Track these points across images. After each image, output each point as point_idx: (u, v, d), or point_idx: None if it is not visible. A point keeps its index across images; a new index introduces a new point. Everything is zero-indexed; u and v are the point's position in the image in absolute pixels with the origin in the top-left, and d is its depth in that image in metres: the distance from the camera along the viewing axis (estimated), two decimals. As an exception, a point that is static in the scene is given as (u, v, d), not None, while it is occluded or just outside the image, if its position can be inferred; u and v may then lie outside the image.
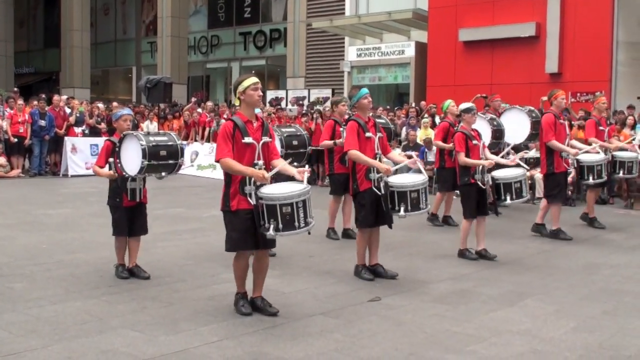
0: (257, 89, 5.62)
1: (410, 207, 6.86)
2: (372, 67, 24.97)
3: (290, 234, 5.53)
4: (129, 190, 6.80)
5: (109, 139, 7.09)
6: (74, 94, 29.86)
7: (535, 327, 5.55)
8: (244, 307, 5.76)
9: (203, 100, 25.52)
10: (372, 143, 6.88)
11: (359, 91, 7.05)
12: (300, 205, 5.45)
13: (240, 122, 5.58)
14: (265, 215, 5.43)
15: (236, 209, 5.53)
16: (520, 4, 19.80)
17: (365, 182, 6.83)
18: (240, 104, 5.68)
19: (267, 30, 32.44)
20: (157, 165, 6.58)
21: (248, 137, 5.53)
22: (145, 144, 6.41)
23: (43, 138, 17.75)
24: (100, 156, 7.02)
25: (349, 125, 6.92)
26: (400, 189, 6.90)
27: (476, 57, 20.57)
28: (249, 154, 5.56)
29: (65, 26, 35.56)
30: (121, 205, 6.85)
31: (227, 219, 5.65)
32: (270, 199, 5.41)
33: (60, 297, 6.24)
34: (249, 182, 5.48)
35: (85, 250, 8.43)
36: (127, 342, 5.02)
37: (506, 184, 8.23)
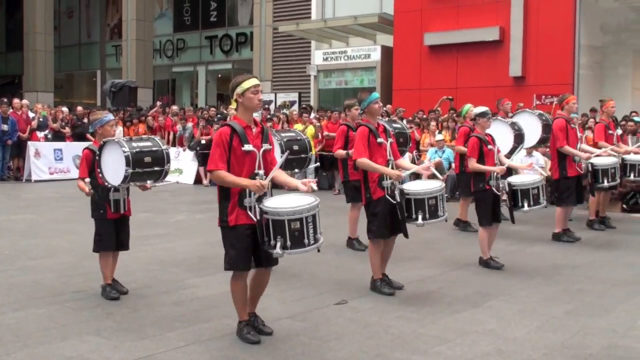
0: (258, 92, 5.14)
1: (428, 215, 6.63)
2: (339, 71, 25.01)
3: (299, 252, 5.01)
4: (112, 201, 6.32)
5: (87, 147, 6.45)
6: (37, 98, 29.51)
7: (500, 327, 5.62)
8: (250, 335, 5.19)
9: (168, 105, 25.34)
10: (384, 149, 6.54)
11: (370, 95, 6.65)
12: (310, 220, 4.97)
13: (239, 127, 5.06)
14: (271, 232, 4.92)
15: (234, 224, 5.02)
16: (484, 9, 20.00)
17: (378, 190, 6.48)
18: (238, 107, 5.19)
19: (233, 34, 32.35)
20: (142, 173, 6.07)
21: (248, 144, 5.03)
22: (128, 151, 5.93)
23: (5, 143, 17.48)
24: (81, 167, 6.46)
25: (358, 131, 6.56)
26: (417, 196, 6.66)
27: (441, 61, 20.72)
28: (249, 162, 5.06)
29: (28, 29, 35.06)
30: (106, 217, 6.34)
31: (225, 236, 5.11)
32: (277, 213, 4.90)
33: (23, 303, 6.16)
34: (248, 194, 5.00)
35: (48, 256, 8.32)
36: (91, 348, 4.98)
37: (523, 190, 8.05)
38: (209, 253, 8.62)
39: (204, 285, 6.96)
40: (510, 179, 8.09)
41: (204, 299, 6.45)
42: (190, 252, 8.72)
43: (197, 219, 11.70)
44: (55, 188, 16.09)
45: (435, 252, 6.49)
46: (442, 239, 9.59)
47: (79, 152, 18.35)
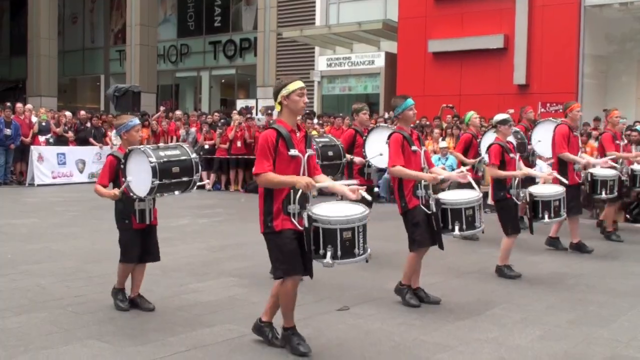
0: (303, 95, 4.99)
1: (465, 226, 6.50)
2: (342, 77, 25.07)
3: (349, 262, 4.88)
4: (138, 211, 5.98)
5: (112, 153, 6.14)
6: (41, 103, 29.58)
7: (502, 335, 5.60)
8: (301, 346, 5.01)
9: (172, 110, 25.38)
10: (419, 157, 6.36)
11: (404, 101, 6.41)
12: (361, 230, 4.85)
13: (284, 131, 4.90)
14: (320, 241, 4.79)
15: (280, 229, 4.85)
16: (489, 16, 20.02)
17: (413, 199, 6.29)
18: (282, 110, 5.02)
19: (237, 39, 32.39)
20: (169, 185, 5.71)
21: (294, 149, 4.90)
22: (155, 161, 5.56)
23: (8, 147, 17.54)
24: (103, 174, 6.08)
25: (392, 138, 6.33)
26: (454, 206, 6.52)
27: (445, 68, 20.74)
28: (294, 168, 4.91)
29: (32, 34, 35.15)
30: (131, 227, 6.00)
31: (271, 242, 4.92)
32: (328, 222, 4.77)
33: (25, 307, 6.16)
34: (292, 201, 4.84)
35: (50, 260, 8.32)
36: (94, 352, 4.97)
37: (545, 201, 7.93)
38: (212, 258, 8.63)
39: (206, 290, 6.95)
40: (531, 189, 7.93)
41: (206, 304, 6.44)
42: (192, 256, 8.72)
43: (200, 224, 11.70)
44: (58, 192, 16.13)
45: (436, 259, 6.48)
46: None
47: (82, 157, 18.66)
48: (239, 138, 17.47)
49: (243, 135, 17.53)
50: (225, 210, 13.69)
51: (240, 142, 17.39)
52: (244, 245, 9.61)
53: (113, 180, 6.05)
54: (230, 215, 13.04)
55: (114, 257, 8.43)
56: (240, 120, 17.97)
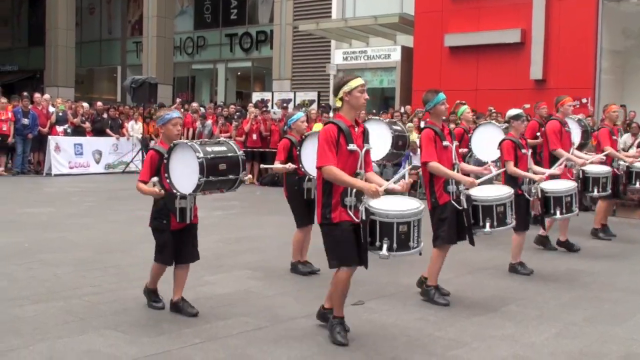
0: (364, 91, 5.14)
1: (496, 223, 6.49)
2: (358, 71, 24.90)
3: (404, 254, 5.12)
4: (178, 210, 5.65)
5: (153, 147, 5.86)
6: (58, 93, 29.73)
7: (517, 332, 5.59)
8: (340, 335, 5.14)
9: (188, 102, 25.44)
10: (450, 152, 6.32)
11: (436, 96, 6.30)
12: (416, 224, 5.08)
13: (344, 126, 5.05)
14: (377, 233, 4.98)
15: (338, 221, 5.01)
16: (506, 11, 19.89)
17: (444, 195, 6.26)
18: (342, 105, 5.15)
19: (253, 32, 32.39)
20: (215, 182, 5.47)
21: (352, 143, 5.04)
22: (202, 157, 5.30)
23: (26, 137, 17.66)
24: (144, 170, 5.77)
25: (424, 134, 6.31)
26: (485, 202, 6.50)
27: (461, 63, 20.64)
28: (352, 162, 5.05)
29: (50, 25, 35.33)
30: (168, 228, 5.72)
31: (329, 232, 5.08)
32: (386, 215, 4.96)
33: (42, 296, 6.21)
34: (349, 194, 5.00)
35: (67, 250, 8.38)
36: (109, 342, 5.01)
37: (556, 197, 7.82)
38: (227, 251, 8.65)
39: (221, 283, 6.98)
40: (543, 185, 7.82)
41: (220, 296, 6.46)
42: (207, 249, 8.68)
43: (215, 216, 11.72)
44: (75, 182, 16.23)
45: (450, 255, 6.44)
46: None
47: (98, 148, 18.75)
48: (254, 131, 17.49)
49: (259, 128, 17.55)
50: (240, 203, 13.71)
51: (256, 135, 17.42)
52: (259, 238, 9.63)
53: (154, 176, 5.70)
54: (245, 208, 13.07)
55: (129, 248, 8.55)
56: (256, 113, 17.98)
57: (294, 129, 7.47)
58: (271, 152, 16.41)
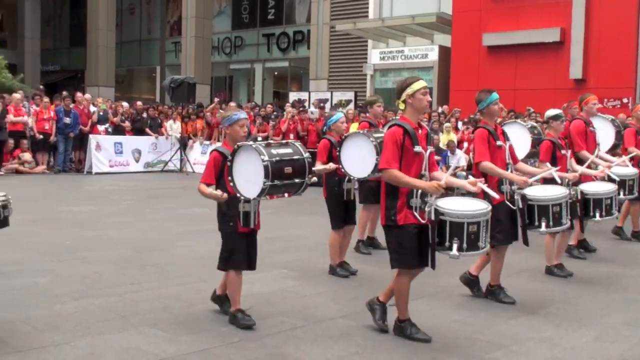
0: (427, 93, 5.21)
1: (552, 223, 6.41)
2: (395, 71, 24.93)
3: (474, 254, 5.23)
4: (242, 214, 5.43)
5: (217, 149, 5.57)
6: (99, 93, 30.18)
7: (556, 335, 5.52)
8: (420, 334, 5.24)
9: (226, 101, 25.62)
10: (503, 152, 6.27)
11: (490, 95, 6.24)
12: (485, 224, 5.12)
13: (410, 128, 5.10)
14: (446, 233, 5.01)
15: (404, 223, 5.07)
16: (545, 10, 19.69)
17: (498, 195, 6.10)
18: (406, 108, 5.22)
19: (290, 32, 32.51)
20: (280, 186, 5.22)
21: (418, 145, 5.10)
22: (267, 160, 5.06)
23: (68, 135, 17.97)
24: (207, 171, 5.50)
25: (477, 133, 6.29)
26: (541, 202, 6.41)
27: (500, 62, 20.49)
28: (417, 164, 5.12)
29: (91, 25, 35.89)
30: (236, 229, 5.46)
31: (393, 234, 5.14)
32: (456, 216, 5.00)
33: (83, 293, 6.31)
34: (415, 195, 5.05)
35: (107, 247, 8.50)
36: (148, 340, 5.07)
37: (597, 199, 7.59)
38: (263, 250, 8.61)
39: (258, 282, 7.01)
40: (582, 187, 7.60)
41: (259, 295, 6.49)
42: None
43: (252, 216, 11.78)
44: (115, 181, 16.45)
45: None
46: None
47: (138, 147, 19.00)
48: (291, 131, 17.54)
49: (296, 128, 17.60)
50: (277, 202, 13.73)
51: (293, 135, 17.46)
52: (295, 237, 9.66)
53: (217, 179, 5.46)
54: (280, 207, 13.08)
55: (167, 247, 8.64)
56: (293, 113, 18.04)
57: (334, 129, 7.43)
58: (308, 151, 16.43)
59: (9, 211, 5.22)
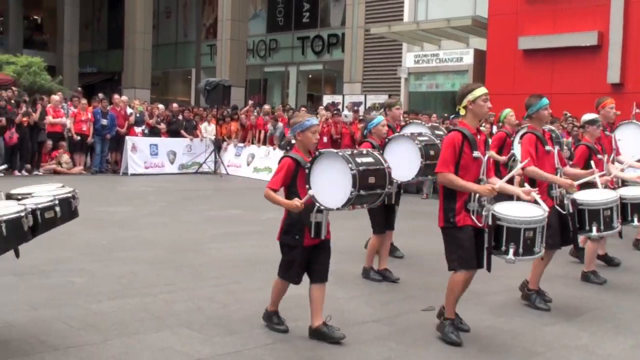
0: (487, 100, 5.33)
1: (603, 227, 6.38)
2: (430, 74, 24.82)
3: (529, 259, 5.41)
4: (314, 224, 5.18)
5: (289, 155, 5.28)
6: (135, 95, 30.54)
7: (592, 343, 5.46)
8: (454, 335, 5.30)
9: (260, 104, 25.75)
10: (552, 157, 6.32)
11: (540, 101, 6.29)
12: (541, 230, 5.26)
13: (469, 134, 5.23)
14: (503, 238, 5.17)
15: (462, 225, 5.20)
16: (582, 13, 19.44)
17: (548, 199, 6.16)
18: (466, 114, 5.35)
19: (325, 35, 32.55)
20: (364, 196, 5.04)
21: (477, 150, 5.22)
22: (355, 169, 4.89)
23: (105, 137, 18.21)
24: (276, 177, 5.26)
25: (526, 138, 6.31)
26: (591, 206, 6.39)
27: (536, 66, 20.27)
28: (475, 169, 5.24)
29: (128, 28, 36.34)
30: (301, 244, 5.23)
31: (451, 236, 5.26)
32: (513, 221, 5.16)
33: (119, 293, 6.39)
34: (473, 199, 5.19)
35: (142, 248, 8.59)
36: (183, 341, 5.12)
37: (635, 204, 7.27)
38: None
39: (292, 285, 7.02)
40: (620, 191, 7.37)
41: (291, 298, 6.47)
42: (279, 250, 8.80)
43: (285, 218, 11.82)
44: (150, 182, 16.63)
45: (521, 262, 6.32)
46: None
47: (173, 148, 19.18)
48: (325, 134, 17.53)
49: (330, 131, 17.61)
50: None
51: (327, 138, 17.46)
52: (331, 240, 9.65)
53: (287, 186, 5.25)
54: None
55: (202, 248, 8.71)
56: (327, 116, 18.06)
57: (375, 132, 7.38)
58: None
59: (77, 202, 5.39)
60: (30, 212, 4.71)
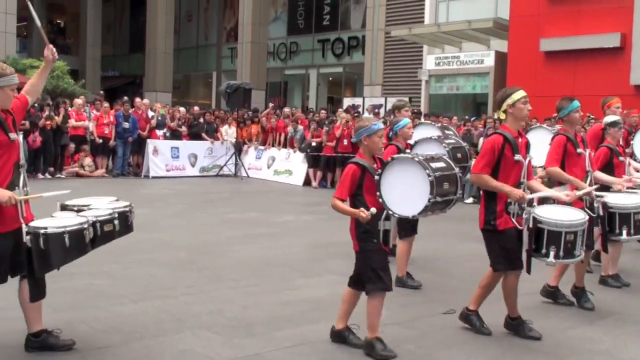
0: (527, 103, 5.39)
1: (633, 231, 6.31)
2: (450, 76, 24.74)
3: (570, 262, 5.50)
4: (382, 232, 4.94)
5: (355, 161, 5.05)
6: (156, 98, 30.75)
7: (615, 347, 5.40)
8: (532, 332, 5.49)
9: (280, 107, 25.80)
10: (583, 160, 6.32)
11: (571, 103, 6.25)
12: (581, 233, 5.28)
13: (511, 137, 5.29)
14: (544, 241, 5.22)
15: (504, 228, 5.29)
16: (605, 14, 19.29)
17: (578, 202, 6.10)
18: (507, 117, 5.41)
19: (345, 37, 32.55)
20: (440, 203, 4.93)
21: (518, 153, 5.27)
22: (432, 175, 4.78)
23: (126, 140, 18.33)
24: (342, 185, 5.03)
25: (556, 140, 6.31)
26: (622, 210, 6.31)
27: (558, 68, 20.14)
28: (516, 172, 5.30)
29: (150, 32, 36.60)
30: (380, 246, 4.98)
31: (492, 238, 5.36)
32: (555, 225, 5.20)
33: (140, 295, 6.42)
34: (514, 202, 5.24)
35: (162, 250, 8.63)
36: (203, 343, 5.13)
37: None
38: (316, 255, 8.72)
39: (311, 287, 7.04)
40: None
41: (311, 300, 6.52)
42: (297, 252, 8.85)
43: (305, 220, 11.85)
44: (171, 184, 16.71)
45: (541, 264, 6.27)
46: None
47: (194, 151, 19.26)
48: (345, 136, 17.54)
49: (350, 133, 17.58)
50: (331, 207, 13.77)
51: (347, 141, 17.45)
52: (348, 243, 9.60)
53: (353, 194, 5.01)
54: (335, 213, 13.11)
55: (221, 250, 8.74)
56: (347, 118, 18.05)
57: (400, 135, 7.35)
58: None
59: (133, 216, 5.47)
60: (91, 224, 4.75)
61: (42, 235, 4.47)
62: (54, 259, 4.58)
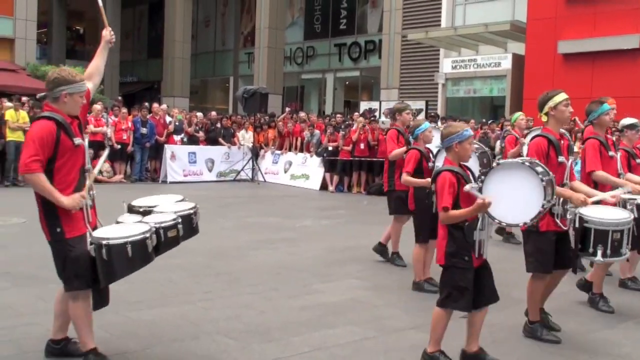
0: (569, 105, 5.46)
1: None
2: (467, 79, 24.65)
3: (616, 260, 5.60)
4: (477, 242, 4.66)
5: (448, 169, 4.74)
6: (174, 103, 30.88)
7: (636, 351, 5.35)
8: (550, 335, 5.56)
9: (297, 111, 25.82)
10: (615, 162, 6.48)
11: (601, 106, 6.38)
12: (627, 232, 5.38)
13: (554, 139, 5.37)
14: (591, 240, 5.32)
15: (545, 230, 5.36)
16: (623, 16, 19.15)
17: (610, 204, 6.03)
18: (549, 120, 5.50)
19: (362, 41, 32.55)
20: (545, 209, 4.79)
21: (561, 155, 5.36)
22: (544, 179, 4.61)
23: (144, 145, 18.42)
24: (444, 195, 4.64)
25: (589, 144, 6.42)
26: None
27: (576, 70, 20.01)
28: (560, 173, 5.32)
29: (168, 37, 36.80)
30: (471, 265, 4.67)
31: (532, 239, 5.46)
32: (601, 224, 5.31)
33: (158, 301, 6.45)
34: (557, 203, 5.25)
35: (180, 255, 8.57)
36: (221, 348, 5.14)
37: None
38: (334, 259, 8.70)
39: (329, 291, 7.03)
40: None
41: (328, 304, 6.51)
42: (315, 257, 8.84)
43: (323, 225, 11.84)
44: (188, 190, 16.73)
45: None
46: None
47: (211, 156, 19.32)
48: (362, 140, 17.54)
49: (366, 137, 17.59)
50: (347, 212, 13.79)
51: (364, 145, 17.46)
52: (366, 247, 9.62)
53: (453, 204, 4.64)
54: (352, 217, 13.12)
55: (240, 254, 8.75)
56: (363, 122, 18.04)
57: (421, 139, 7.31)
58: (378, 161, 16.41)
59: (198, 217, 5.46)
60: (154, 232, 4.73)
61: (105, 246, 4.45)
62: (118, 269, 4.55)
